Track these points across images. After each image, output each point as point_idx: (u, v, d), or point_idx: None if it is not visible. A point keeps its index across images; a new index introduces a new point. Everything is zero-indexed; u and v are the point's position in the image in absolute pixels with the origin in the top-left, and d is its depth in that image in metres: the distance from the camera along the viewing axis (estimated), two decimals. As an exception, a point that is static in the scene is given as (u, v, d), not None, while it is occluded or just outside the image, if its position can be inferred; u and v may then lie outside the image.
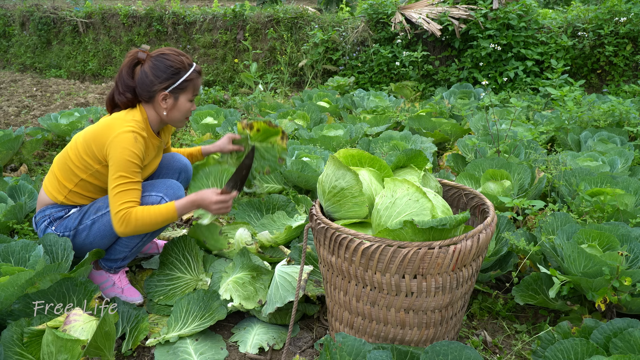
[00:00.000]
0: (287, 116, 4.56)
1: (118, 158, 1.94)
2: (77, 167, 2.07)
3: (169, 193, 2.11)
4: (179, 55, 2.05)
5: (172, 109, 2.08)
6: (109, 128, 2.00)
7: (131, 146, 1.96)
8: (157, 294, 2.20)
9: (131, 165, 1.96)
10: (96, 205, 2.10)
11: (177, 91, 2.05)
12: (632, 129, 3.79)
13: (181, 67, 2.04)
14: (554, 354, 1.62)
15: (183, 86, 2.05)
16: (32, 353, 1.67)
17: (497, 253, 2.24)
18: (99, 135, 2.01)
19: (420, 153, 2.00)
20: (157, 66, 2.02)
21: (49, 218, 2.13)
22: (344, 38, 6.82)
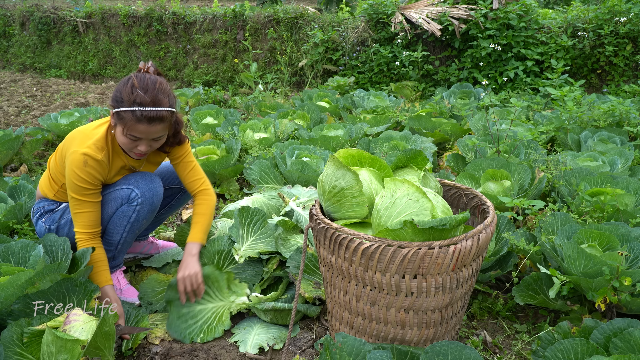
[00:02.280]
0: (287, 116, 4.56)
1: (68, 179, 1.97)
2: (58, 171, 2.10)
3: (140, 185, 2.06)
4: (138, 89, 1.85)
5: (116, 133, 1.97)
6: (70, 142, 2.01)
7: (79, 170, 1.93)
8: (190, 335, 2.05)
9: (79, 188, 1.96)
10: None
11: (115, 118, 1.90)
12: (632, 129, 3.79)
13: (125, 99, 1.85)
14: (554, 354, 1.62)
15: (117, 117, 1.89)
16: (32, 353, 1.67)
17: (497, 253, 2.24)
18: (64, 148, 2.03)
19: (420, 153, 2.00)
20: (120, 85, 1.91)
21: (41, 210, 2.18)
22: (344, 38, 6.82)
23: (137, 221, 2.10)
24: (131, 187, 2.06)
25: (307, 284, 2.16)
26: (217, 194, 3.50)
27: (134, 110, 1.84)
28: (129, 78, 1.90)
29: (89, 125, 2.07)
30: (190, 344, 2.01)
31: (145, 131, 1.89)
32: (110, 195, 2.09)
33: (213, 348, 1.99)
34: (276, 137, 4.13)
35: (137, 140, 1.93)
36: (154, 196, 2.10)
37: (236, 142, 3.62)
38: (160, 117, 1.88)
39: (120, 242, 2.15)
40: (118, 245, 2.16)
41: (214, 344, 2.01)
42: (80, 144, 1.95)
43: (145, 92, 1.85)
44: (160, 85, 1.89)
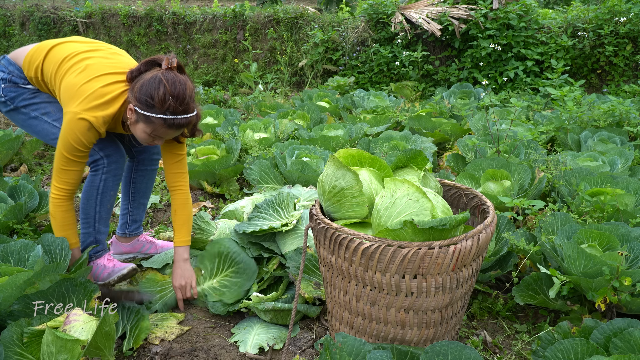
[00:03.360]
0: (287, 116, 4.56)
1: (64, 137, 1.92)
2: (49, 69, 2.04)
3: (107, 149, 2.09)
4: (170, 97, 1.86)
5: (132, 124, 1.97)
6: (79, 96, 1.92)
7: (80, 133, 1.91)
8: None
9: (73, 149, 1.94)
10: (48, 108, 2.11)
11: (138, 116, 1.91)
12: (632, 129, 3.79)
13: (156, 105, 1.86)
14: (554, 354, 1.62)
15: (143, 118, 1.90)
16: (32, 353, 1.67)
17: (497, 253, 2.24)
18: (70, 92, 1.94)
19: (420, 153, 2.00)
20: (147, 83, 1.88)
21: (8, 74, 2.12)
22: (344, 38, 6.82)
23: (106, 192, 2.13)
24: (96, 147, 2.08)
25: (307, 284, 2.16)
26: (217, 194, 3.50)
27: (166, 118, 1.89)
28: (159, 81, 1.86)
29: (104, 88, 1.95)
30: (190, 345, 2.01)
31: (171, 134, 1.97)
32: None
33: (213, 348, 1.99)
34: (276, 137, 4.13)
35: (157, 138, 1.98)
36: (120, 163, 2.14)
37: (236, 142, 3.62)
38: (189, 123, 1.96)
39: (96, 218, 2.16)
40: (95, 224, 2.17)
41: (213, 344, 2.01)
42: (88, 109, 1.90)
43: (177, 101, 1.87)
44: (189, 92, 1.91)
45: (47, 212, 2.98)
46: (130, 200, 2.48)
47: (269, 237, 2.36)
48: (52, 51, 2.06)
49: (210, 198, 3.46)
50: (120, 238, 2.53)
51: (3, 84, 2.11)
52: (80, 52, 2.04)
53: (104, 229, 2.22)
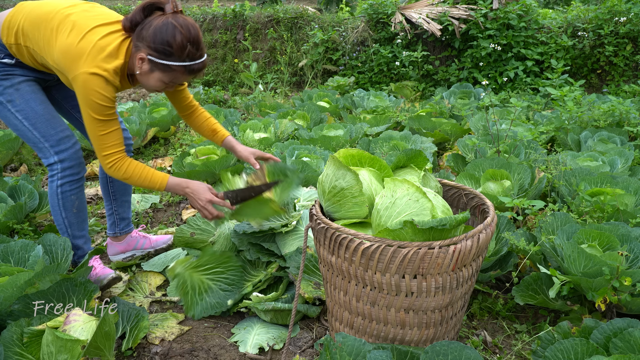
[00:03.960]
0: (287, 116, 4.56)
1: (88, 99, 1.83)
2: (34, 38, 1.93)
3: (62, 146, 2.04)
4: (187, 42, 1.82)
5: (144, 74, 1.90)
6: (80, 55, 1.82)
7: (101, 89, 1.83)
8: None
9: (103, 108, 1.86)
10: (14, 95, 2.01)
11: (155, 65, 1.85)
12: (632, 129, 3.79)
13: (176, 53, 1.82)
14: (554, 354, 1.62)
15: (162, 67, 1.85)
16: (32, 353, 1.67)
17: (497, 253, 2.24)
18: (69, 55, 1.84)
19: (420, 153, 2.00)
20: (160, 30, 1.80)
21: None
22: (344, 38, 6.82)
23: (65, 197, 2.08)
24: (52, 151, 2.04)
25: (307, 285, 2.16)
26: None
27: (186, 65, 1.85)
28: (173, 27, 1.80)
29: (106, 40, 1.86)
30: (190, 345, 2.01)
31: (188, 79, 1.95)
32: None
33: (213, 348, 1.99)
34: (276, 137, 4.13)
35: (169, 84, 1.94)
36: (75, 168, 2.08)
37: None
38: (205, 67, 1.93)
39: (66, 224, 2.13)
40: (67, 229, 2.15)
41: (213, 344, 2.01)
42: (96, 64, 1.82)
43: (194, 46, 1.84)
44: (200, 34, 1.88)
45: (47, 212, 2.99)
46: (112, 200, 2.45)
47: (269, 237, 2.36)
48: (31, 13, 1.95)
49: (210, 198, 3.46)
50: (113, 238, 2.52)
51: None
52: (60, 9, 1.93)
53: (78, 233, 2.18)
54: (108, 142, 1.91)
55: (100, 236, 2.93)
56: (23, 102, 2.03)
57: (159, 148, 4.55)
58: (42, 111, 2.05)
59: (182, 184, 2.00)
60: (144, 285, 2.39)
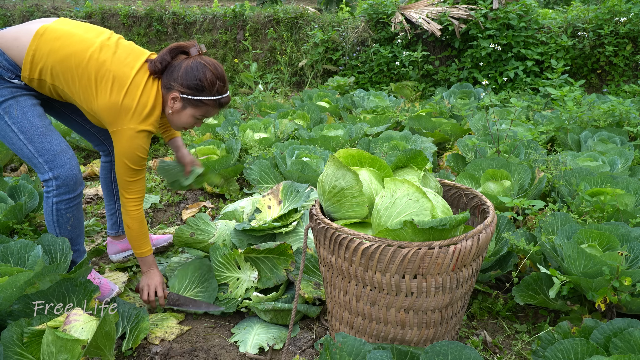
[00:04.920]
0: (287, 116, 4.56)
1: (130, 153, 1.96)
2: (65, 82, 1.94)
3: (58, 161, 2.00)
4: (216, 79, 1.98)
5: (176, 113, 2.04)
6: (127, 113, 1.91)
7: (144, 144, 1.98)
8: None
9: (140, 160, 2.00)
10: (12, 107, 1.95)
11: (188, 102, 2.00)
12: (632, 129, 3.79)
13: (207, 89, 1.98)
14: (554, 354, 1.62)
15: (195, 103, 2.00)
16: (32, 353, 1.67)
17: (497, 253, 2.24)
18: (115, 111, 1.91)
19: (420, 153, 2.00)
20: (191, 70, 1.96)
21: None
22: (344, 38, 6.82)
23: (60, 215, 2.07)
24: (46, 167, 2.00)
25: (307, 285, 2.16)
26: (217, 194, 3.50)
27: (216, 99, 2.02)
28: (203, 66, 1.97)
29: (138, 88, 1.94)
30: (190, 345, 2.01)
31: (217, 112, 2.09)
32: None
33: (213, 348, 1.99)
34: (276, 137, 4.13)
35: (199, 120, 2.08)
36: (70, 185, 2.04)
37: (236, 142, 3.62)
38: (229, 100, 2.10)
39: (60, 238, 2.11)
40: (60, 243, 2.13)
41: (213, 344, 2.01)
42: (142, 120, 1.95)
43: (221, 81, 2.02)
44: (224, 71, 2.05)
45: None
46: (115, 200, 2.48)
47: (269, 238, 2.36)
48: (58, 52, 1.91)
49: (210, 198, 3.46)
50: (114, 237, 2.53)
51: None
52: (91, 52, 1.93)
53: (74, 247, 2.15)
54: (135, 188, 2.04)
55: (100, 236, 2.93)
56: (21, 114, 1.98)
57: (159, 148, 4.55)
58: (39, 124, 2.00)
59: (149, 265, 2.16)
60: (144, 285, 2.39)
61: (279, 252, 2.19)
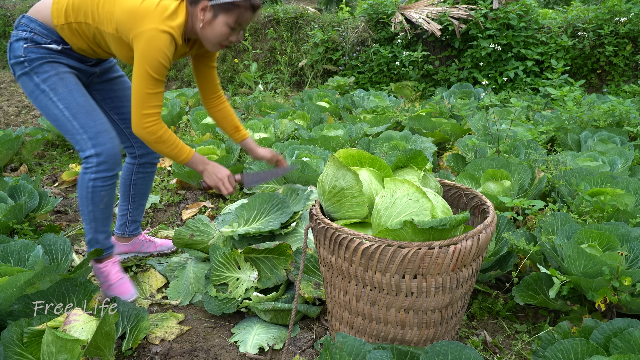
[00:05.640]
0: (287, 116, 4.56)
1: (150, 56, 1.83)
2: (87, 9, 1.92)
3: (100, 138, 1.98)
4: None
5: (208, 24, 1.90)
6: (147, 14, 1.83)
7: (166, 48, 1.84)
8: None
9: (162, 67, 1.87)
10: (58, 84, 1.98)
11: (218, 8, 1.86)
12: (632, 129, 3.79)
13: None
14: (554, 354, 1.62)
15: (226, 7, 1.86)
16: (32, 353, 1.67)
17: (497, 253, 2.24)
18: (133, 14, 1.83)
19: (420, 153, 2.00)
20: None
21: (30, 32, 1.97)
22: (344, 38, 6.82)
23: (96, 192, 2.03)
24: (90, 144, 1.98)
25: (307, 285, 2.16)
26: (217, 194, 3.50)
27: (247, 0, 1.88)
28: None
29: (156, 2, 1.87)
30: (190, 345, 2.01)
31: (250, 19, 1.95)
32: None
33: (213, 348, 1.99)
34: (276, 137, 4.13)
35: (234, 31, 1.94)
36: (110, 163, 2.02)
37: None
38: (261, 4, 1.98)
39: (91, 217, 2.09)
40: (91, 222, 2.10)
41: (213, 344, 2.01)
42: (162, 22, 1.83)
43: None
44: None
45: (47, 212, 2.99)
46: (130, 202, 2.47)
47: (269, 238, 2.36)
48: None
49: (210, 198, 3.46)
50: (119, 238, 2.53)
51: (25, 43, 1.96)
52: None
53: (101, 227, 2.15)
54: (153, 102, 1.90)
55: (100, 236, 2.92)
56: (66, 91, 1.99)
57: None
58: (84, 103, 2.01)
59: (204, 161, 2.08)
60: (145, 287, 2.39)
61: (278, 252, 2.19)
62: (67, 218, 3.19)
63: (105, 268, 2.21)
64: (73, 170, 3.80)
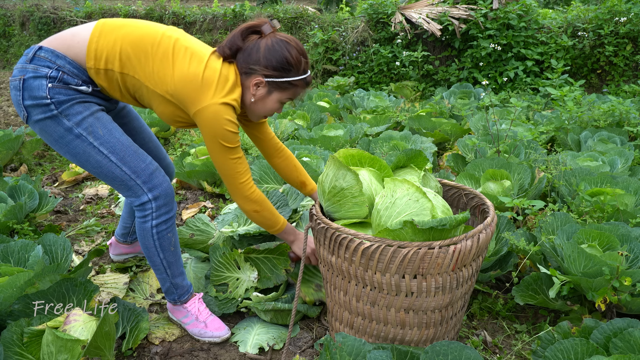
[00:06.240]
0: (287, 116, 4.56)
1: (220, 131, 1.72)
2: (138, 64, 1.72)
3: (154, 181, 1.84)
4: (301, 55, 1.79)
5: (260, 100, 1.82)
6: (209, 86, 1.70)
7: (232, 117, 1.73)
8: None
9: (233, 136, 1.75)
10: (96, 126, 1.75)
11: (274, 86, 1.79)
12: (632, 129, 3.79)
13: (295, 67, 1.77)
14: (554, 354, 1.62)
15: (284, 86, 1.79)
16: (32, 353, 1.67)
17: (497, 253, 2.24)
18: (195, 86, 1.70)
19: (420, 153, 2.00)
20: (273, 49, 1.75)
21: (57, 70, 1.69)
22: (344, 38, 6.82)
23: (162, 237, 1.89)
24: (145, 188, 1.82)
25: (307, 287, 2.16)
26: (217, 194, 3.50)
27: (304, 78, 1.81)
28: (285, 43, 1.76)
29: (216, 64, 1.75)
30: (190, 345, 2.01)
31: (304, 93, 1.89)
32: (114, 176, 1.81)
33: (213, 348, 1.99)
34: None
35: (282, 105, 1.88)
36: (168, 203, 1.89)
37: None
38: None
39: (164, 264, 1.94)
40: (166, 270, 1.95)
41: (213, 344, 2.01)
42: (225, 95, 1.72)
43: (305, 58, 1.82)
44: (304, 47, 1.87)
45: (47, 212, 2.99)
46: (133, 219, 2.37)
47: (269, 238, 2.36)
48: (129, 35, 1.73)
49: (210, 198, 3.46)
50: (121, 242, 2.52)
51: (51, 82, 1.67)
52: (162, 31, 1.77)
53: (177, 271, 1.99)
54: (242, 168, 1.82)
55: (101, 236, 2.93)
56: (106, 132, 1.77)
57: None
58: (128, 142, 1.81)
59: (294, 232, 2.02)
60: (145, 287, 2.39)
61: (278, 252, 2.19)
62: (67, 218, 3.19)
63: (192, 307, 2.05)
64: (73, 170, 3.80)
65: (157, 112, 1.81)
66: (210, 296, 2.18)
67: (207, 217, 2.57)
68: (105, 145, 1.76)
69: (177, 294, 2.02)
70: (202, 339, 2.01)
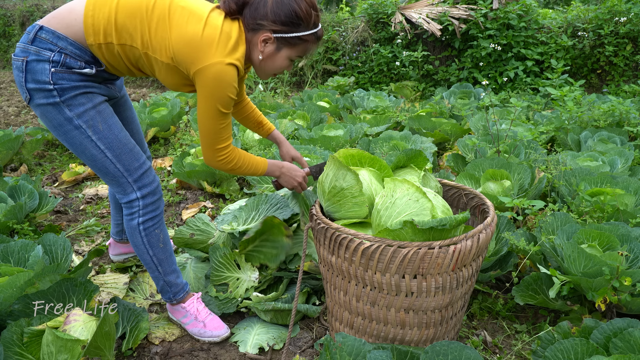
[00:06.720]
0: (287, 116, 4.56)
1: (220, 93, 1.66)
2: (135, 32, 1.65)
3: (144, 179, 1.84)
4: (311, 8, 1.70)
5: (268, 57, 1.75)
6: (210, 45, 1.62)
7: (234, 81, 1.67)
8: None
9: (231, 101, 1.70)
10: (96, 120, 1.72)
11: (283, 42, 1.71)
12: (632, 129, 3.79)
13: (305, 21, 1.69)
14: (554, 354, 1.62)
15: (293, 41, 1.71)
16: (32, 353, 1.67)
17: (497, 253, 2.24)
18: (195, 45, 1.62)
19: (420, 153, 2.00)
20: (282, 2, 1.67)
21: (59, 53, 1.62)
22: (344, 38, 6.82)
23: (149, 233, 1.89)
24: (134, 187, 1.82)
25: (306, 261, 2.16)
26: (217, 194, 3.50)
27: (315, 32, 1.74)
28: None
29: (222, 32, 1.65)
30: (190, 344, 2.01)
31: (316, 48, 1.82)
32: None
33: (213, 348, 1.99)
34: (276, 137, 4.13)
35: (293, 62, 1.82)
36: (155, 200, 1.89)
37: (236, 142, 3.63)
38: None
39: (155, 262, 1.94)
40: (157, 267, 1.95)
41: (213, 344, 2.01)
42: (228, 54, 1.64)
43: (316, 11, 1.73)
44: None
45: (47, 212, 2.99)
46: (122, 213, 2.36)
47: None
48: (123, 5, 1.65)
49: (210, 198, 3.46)
50: (118, 242, 2.52)
51: (53, 67, 1.62)
52: None
53: (169, 268, 1.98)
54: (224, 135, 1.78)
55: (101, 236, 2.93)
56: (106, 127, 1.74)
57: (159, 148, 4.55)
58: (125, 139, 1.80)
59: (278, 165, 2.04)
60: (145, 287, 2.39)
61: (270, 227, 2.16)
62: (67, 218, 3.19)
63: (190, 306, 2.05)
64: (73, 170, 3.80)
65: (161, 80, 1.76)
66: (210, 296, 2.18)
67: (207, 216, 2.57)
68: (103, 140, 1.74)
69: (172, 292, 2.02)
70: (202, 338, 2.01)
